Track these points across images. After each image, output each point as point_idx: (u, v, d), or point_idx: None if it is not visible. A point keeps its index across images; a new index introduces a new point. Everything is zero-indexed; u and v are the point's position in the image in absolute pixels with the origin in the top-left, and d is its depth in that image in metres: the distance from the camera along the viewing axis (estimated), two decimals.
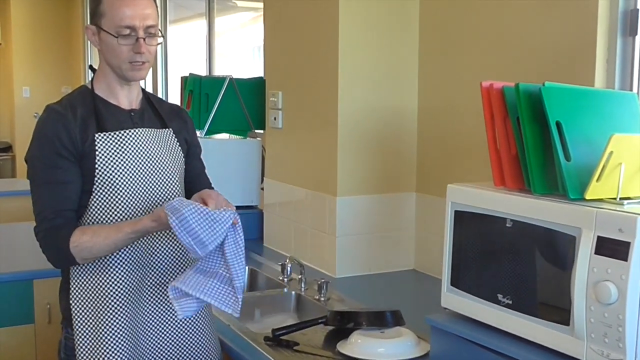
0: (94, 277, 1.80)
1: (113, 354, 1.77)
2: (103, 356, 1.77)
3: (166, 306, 1.87)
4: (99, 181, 1.77)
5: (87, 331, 1.80)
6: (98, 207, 1.79)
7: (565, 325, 1.44)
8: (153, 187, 1.83)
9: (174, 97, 5.30)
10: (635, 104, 1.72)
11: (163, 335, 1.87)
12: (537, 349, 1.51)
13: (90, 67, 1.95)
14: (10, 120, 9.26)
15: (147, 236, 1.82)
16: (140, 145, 1.83)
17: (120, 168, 1.79)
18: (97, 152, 1.77)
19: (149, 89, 4.79)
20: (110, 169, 1.78)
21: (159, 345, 1.87)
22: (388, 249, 2.78)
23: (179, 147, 1.94)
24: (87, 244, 1.72)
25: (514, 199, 1.58)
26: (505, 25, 2.33)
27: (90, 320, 1.79)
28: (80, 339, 1.80)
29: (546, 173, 1.56)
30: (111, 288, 1.78)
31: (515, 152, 1.62)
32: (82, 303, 1.80)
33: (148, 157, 1.83)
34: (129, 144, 1.81)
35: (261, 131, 3.46)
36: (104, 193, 1.78)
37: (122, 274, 1.79)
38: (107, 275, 1.79)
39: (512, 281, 1.59)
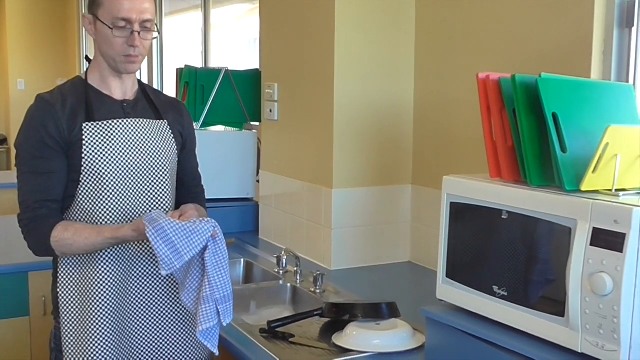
0: (80, 267, 1.81)
1: (98, 345, 1.77)
2: (88, 346, 1.77)
3: (152, 297, 1.87)
4: (85, 170, 1.78)
5: (72, 321, 1.80)
6: (85, 196, 1.79)
7: (560, 317, 1.44)
8: (141, 177, 1.83)
9: (170, 89, 5.28)
10: (632, 96, 1.72)
11: (149, 327, 1.87)
12: (532, 341, 1.51)
13: (86, 57, 1.94)
14: (5, 113, 9.22)
15: None
16: (130, 135, 1.82)
17: (107, 157, 1.78)
18: (84, 141, 1.77)
19: (144, 81, 4.78)
20: (97, 158, 1.77)
21: (145, 336, 1.87)
22: (384, 241, 2.78)
23: (173, 140, 1.93)
24: (67, 241, 1.74)
25: (510, 191, 1.58)
26: (502, 17, 2.33)
27: (76, 311, 1.80)
28: (66, 329, 1.80)
29: (542, 165, 1.56)
30: (97, 279, 1.79)
31: (511, 143, 1.62)
32: (69, 293, 1.81)
33: (137, 147, 1.83)
34: (118, 133, 1.81)
35: (257, 123, 3.45)
36: (91, 182, 1.78)
37: (109, 265, 1.80)
38: (93, 266, 1.79)
39: (508, 273, 1.58)
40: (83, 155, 1.77)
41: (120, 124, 1.82)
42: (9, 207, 3.73)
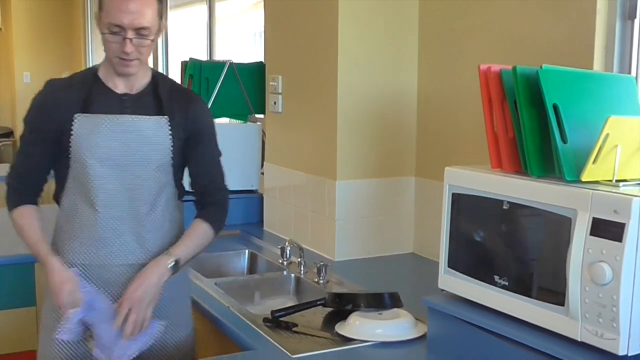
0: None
1: None
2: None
3: None
4: (72, 158, 1.85)
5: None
6: (75, 181, 1.87)
7: (560, 306, 1.45)
8: (124, 173, 1.86)
9: None
10: (633, 87, 1.72)
11: None
12: (533, 330, 1.52)
13: None
14: (11, 106, 9.26)
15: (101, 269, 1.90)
16: (117, 132, 1.84)
17: (90, 150, 1.83)
18: (72, 132, 1.83)
19: None
20: (81, 150, 1.83)
21: None
22: (387, 233, 2.80)
23: (170, 136, 1.89)
24: (16, 227, 1.90)
25: (511, 181, 1.59)
26: (505, 9, 2.33)
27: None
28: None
29: (543, 155, 1.57)
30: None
31: (512, 135, 1.63)
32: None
33: (123, 143, 1.84)
34: (105, 129, 1.84)
35: (261, 115, 3.47)
36: (77, 170, 1.86)
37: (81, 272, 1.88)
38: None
39: (509, 262, 1.60)
40: (70, 145, 1.83)
41: (111, 120, 1.84)
42: None
